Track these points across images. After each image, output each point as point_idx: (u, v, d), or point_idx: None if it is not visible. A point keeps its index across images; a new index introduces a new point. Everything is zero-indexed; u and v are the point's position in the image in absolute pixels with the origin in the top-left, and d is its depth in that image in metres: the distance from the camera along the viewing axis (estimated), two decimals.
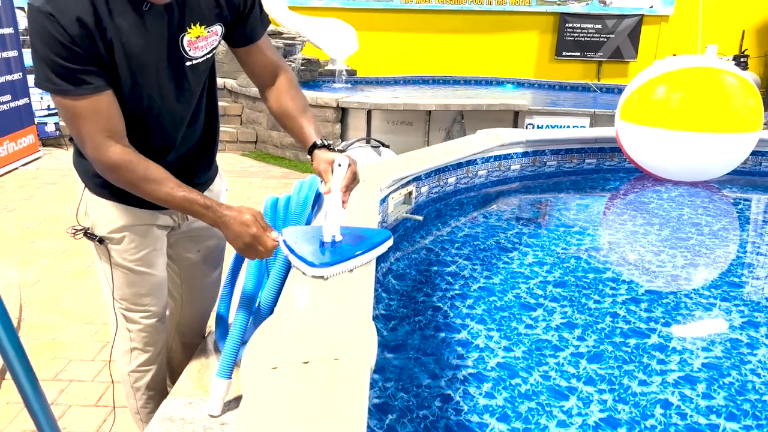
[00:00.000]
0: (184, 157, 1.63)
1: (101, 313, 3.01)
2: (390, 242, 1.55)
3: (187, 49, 1.44)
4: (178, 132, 1.56)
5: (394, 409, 1.62)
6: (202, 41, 1.45)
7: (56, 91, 1.31)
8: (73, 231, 1.61)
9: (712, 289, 2.40)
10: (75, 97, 1.31)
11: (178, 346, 1.98)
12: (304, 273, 1.40)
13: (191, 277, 1.88)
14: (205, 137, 1.67)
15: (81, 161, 1.58)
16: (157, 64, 1.41)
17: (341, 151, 1.53)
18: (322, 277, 1.38)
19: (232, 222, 1.38)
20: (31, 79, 6.42)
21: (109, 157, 1.36)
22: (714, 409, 1.66)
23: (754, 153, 3.89)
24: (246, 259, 1.77)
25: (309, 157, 1.56)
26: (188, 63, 1.46)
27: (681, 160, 3.62)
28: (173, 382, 1.97)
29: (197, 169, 1.69)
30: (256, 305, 1.65)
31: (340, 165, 1.44)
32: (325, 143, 1.55)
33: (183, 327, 1.96)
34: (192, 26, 1.41)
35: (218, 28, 1.48)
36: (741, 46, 9.39)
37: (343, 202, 1.44)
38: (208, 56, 1.51)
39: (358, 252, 1.45)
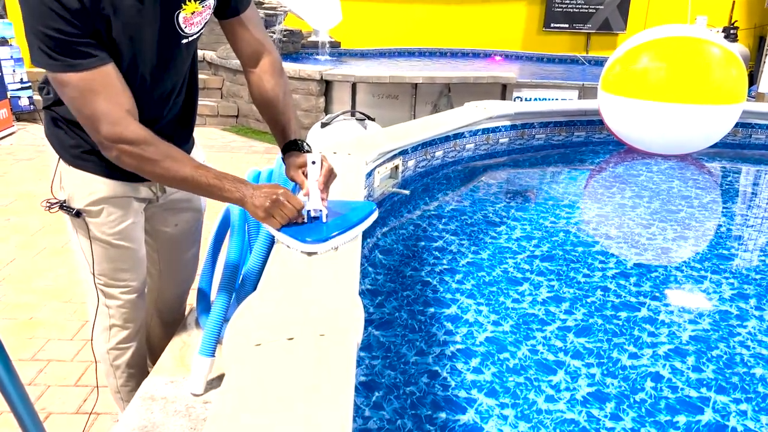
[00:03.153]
0: (165, 129, 1.60)
1: (80, 290, 2.97)
2: (375, 215, 1.54)
3: (182, 26, 1.43)
4: (165, 107, 1.56)
5: (381, 386, 1.61)
6: (197, 17, 1.44)
7: (63, 66, 1.25)
8: (48, 204, 1.57)
9: (702, 262, 2.41)
10: (85, 71, 1.26)
11: (156, 324, 1.97)
12: (296, 250, 1.38)
13: (169, 251, 1.86)
14: (185, 109, 1.65)
15: (55, 131, 1.54)
16: (152, 42, 1.40)
17: (309, 153, 1.49)
18: (315, 252, 1.37)
19: (260, 187, 1.38)
20: (2, 50, 6.26)
21: (132, 131, 1.31)
22: (704, 382, 1.67)
23: (744, 125, 3.90)
24: (228, 234, 1.75)
25: (282, 156, 1.55)
26: (184, 41, 1.46)
27: (661, 133, 3.62)
28: (153, 362, 1.96)
29: (177, 141, 1.66)
30: (239, 281, 1.63)
31: (314, 162, 1.41)
32: (299, 143, 1.53)
33: (161, 304, 1.95)
34: (187, 2, 1.40)
35: (212, 1, 1.47)
36: (731, 17, 9.39)
37: (323, 200, 1.42)
38: (202, 31, 1.51)
39: (350, 225, 1.43)
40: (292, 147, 1.52)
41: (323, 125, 4.37)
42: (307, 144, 1.53)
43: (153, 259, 1.84)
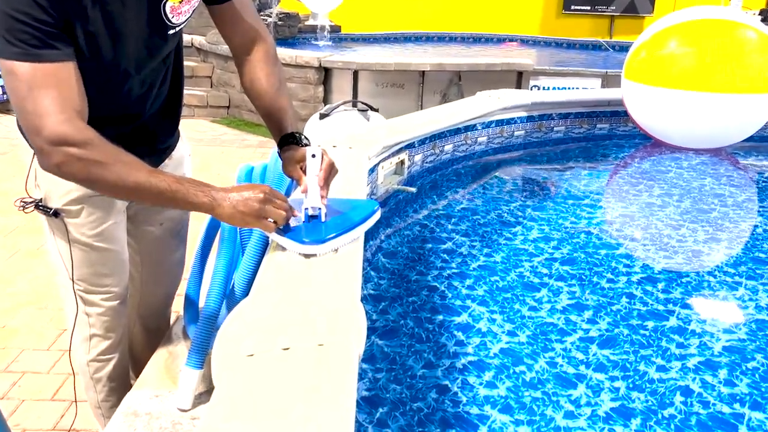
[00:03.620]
0: (149, 122, 1.61)
1: (58, 296, 2.98)
2: (378, 214, 1.54)
3: (170, 16, 1.43)
4: (148, 101, 1.57)
5: (385, 402, 1.61)
6: (185, 5, 1.45)
7: (19, 54, 1.23)
8: (23, 204, 1.58)
9: (736, 267, 2.41)
10: (43, 62, 1.24)
11: (139, 332, 1.98)
12: (293, 251, 1.38)
13: (153, 254, 1.86)
14: (169, 99, 1.66)
15: None
16: (137, 35, 1.40)
17: (308, 146, 1.49)
18: (313, 254, 1.37)
19: (236, 189, 1.32)
20: None
21: (80, 131, 1.26)
22: (738, 397, 1.67)
23: None
24: (218, 236, 1.75)
25: (278, 151, 1.54)
26: (171, 32, 1.47)
27: (691, 125, 3.61)
28: (136, 374, 1.96)
29: (161, 133, 1.68)
30: (230, 286, 1.63)
31: (314, 156, 1.41)
32: (297, 136, 1.52)
33: (144, 311, 1.95)
34: None
35: None
36: None
37: (322, 197, 1.42)
38: (189, 19, 1.51)
39: (351, 225, 1.44)
40: (289, 140, 1.52)
41: (322, 116, 4.37)
42: (306, 137, 1.54)
43: (135, 261, 1.85)
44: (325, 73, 6.34)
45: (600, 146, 3.95)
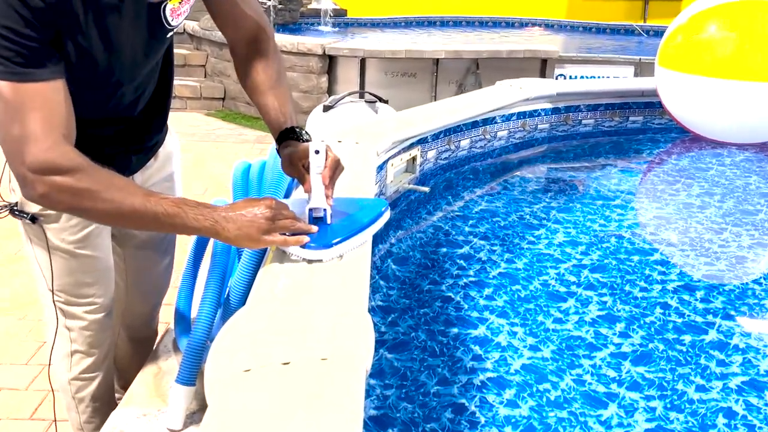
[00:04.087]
0: (136, 121, 1.63)
1: (37, 306, 2.99)
2: (387, 215, 1.54)
3: (170, 19, 1.45)
4: (138, 102, 1.59)
5: (396, 422, 1.61)
6: (185, 5, 1.47)
7: (3, 73, 1.20)
8: None
9: None
10: (29, 82, 1.22)
11: (124, 341, 1.99)
12: (296, 257, 1.38)
13: (139, 259, 1.87)
14: (158, 95, 1.67)
15: None
16: (134, 42, 1.42)
17: (310, 142, 1.49)
18: (319, 260, 1.37)
19: (238, 208, 1.31)
20: None
21: (68, 158, 1.24)
22: None
23: None
24: (211, 240, 1.75)
25: (276, 147, 1.55)
26: (169, 34, 1.50)
27: (733, 117, 3.58)
28: (122, 387, 1.98)
29: (148, 131, 1.69)
30: (225, 295, 1.64)
31: (317, 152, 1.40)
32: (298, 131, 1.52)
33: (129, 319, 1.96)
34: None
35: None
36: None
37: (327, 197, 1.42)
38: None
39: (358, 228, 1.44)
40: (289, 135, 1.52)
41: (326, 109, 4.38)
42: (307, 132, 1.54)
43: (119, 267, 1.85)
44: (330, 62, 6.35)
45: (633, 141, 3.93)
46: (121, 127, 1.59)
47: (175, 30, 1.51)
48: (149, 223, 1.28)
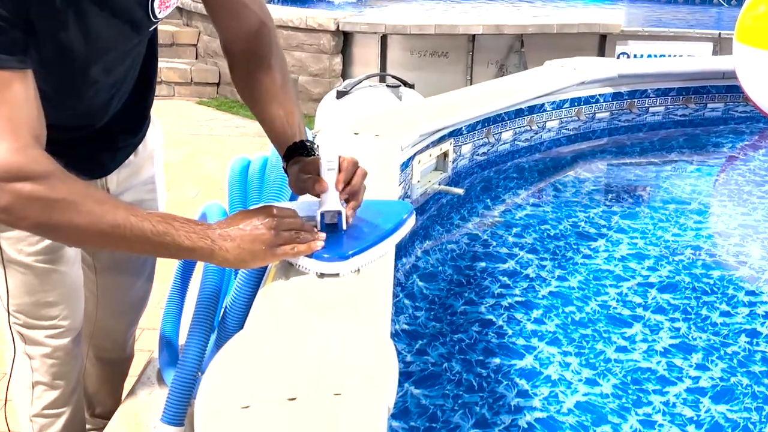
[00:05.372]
0: (113, 119, 1.66)
1: None
2: (413, 221, 1.54)
3: (157, 11, 1.47)
4: (116, 97, 1.62)
5: None
6: None
7: None
8: None
9: None
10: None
11: (93, 364, 2.01)
12: (306, 270, 1.38)
13: (113, 270, 1.89)
14: (138, 89, 1.70)
15: None
16: (117, 37, 1.45)
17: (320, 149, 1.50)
18: (335, 274, 1.37)
19: (234, 222, 1.32)
20: None
21: (39, 163, 1.23)
22: None
23: None
24: None
25: (284, 164, 1.55)
26: (153, 27, 1.54)
27: None
28: (91, 415, 2.00)
29: (128, 128, 1.73)
30: (219, 317, 1.64)
31: (330, 168, 1.40)
32: (309, 146, 1.53)
33: (99, 339, 1.98)
34: None
35: None
36: None
37: (348, 217, 1.42)
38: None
39: (380, 236, 1.44)
40: (298, 152, 1.53)
41: (340, 95, 4.40)
42: (317, 145, 1.54)
43: (89, 278, 1.87)
44: (344, 39, 6.38)
45: (712, 133, 3.91)
46: (94, 125, 1.62)
47: (161, 21, 1.53)
48: (134, 242, 1.26)
